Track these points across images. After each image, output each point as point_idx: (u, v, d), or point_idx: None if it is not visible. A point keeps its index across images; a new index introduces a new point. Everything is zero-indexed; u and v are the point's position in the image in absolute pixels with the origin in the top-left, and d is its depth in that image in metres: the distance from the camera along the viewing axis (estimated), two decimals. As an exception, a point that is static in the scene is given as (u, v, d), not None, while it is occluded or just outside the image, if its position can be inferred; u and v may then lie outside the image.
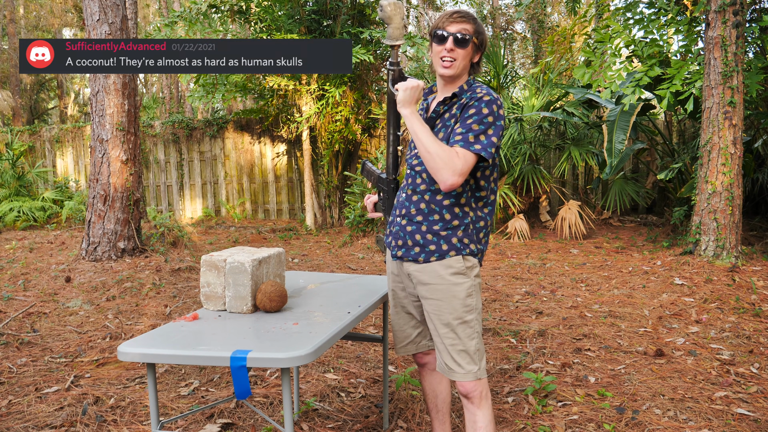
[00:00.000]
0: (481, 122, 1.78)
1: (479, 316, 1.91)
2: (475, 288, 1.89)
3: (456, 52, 1.84)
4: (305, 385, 3.01)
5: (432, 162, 1.74)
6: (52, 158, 11.06)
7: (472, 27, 1.85)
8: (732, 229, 5.16)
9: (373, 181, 2.16)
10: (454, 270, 1.86)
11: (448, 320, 1.87)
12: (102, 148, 5.51)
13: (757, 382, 2.92)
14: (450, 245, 1.88)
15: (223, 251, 2.10)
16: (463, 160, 1.74)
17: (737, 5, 5.07)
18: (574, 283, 5.15)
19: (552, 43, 8.41)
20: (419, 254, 1.90)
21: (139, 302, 4.57)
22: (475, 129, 1.77)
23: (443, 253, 1.88)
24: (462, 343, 1.87)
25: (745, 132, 7.07)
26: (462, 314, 1.86)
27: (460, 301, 1.86)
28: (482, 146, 1.76)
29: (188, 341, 1.68)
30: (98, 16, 5.38)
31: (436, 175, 1.75)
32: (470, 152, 1.75)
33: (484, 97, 1.81)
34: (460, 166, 1.73)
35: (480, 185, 1.90)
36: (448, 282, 1.86)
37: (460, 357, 1.87)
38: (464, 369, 1.87)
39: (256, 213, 10.52)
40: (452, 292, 1.86)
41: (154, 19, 21.12)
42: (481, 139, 1.77)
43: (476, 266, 1.91)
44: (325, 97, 8.34)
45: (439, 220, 1.89)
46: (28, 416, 2.67)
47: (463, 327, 1.86)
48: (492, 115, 1.79)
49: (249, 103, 13.24)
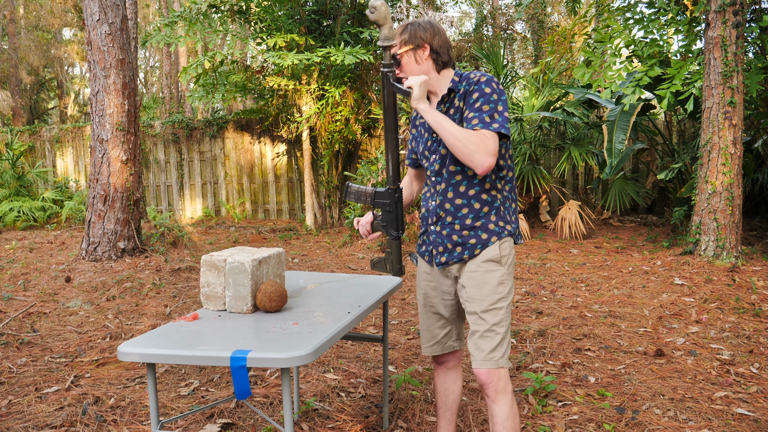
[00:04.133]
0: (489, 101, 1.80)
1: (510, 305, 1.91)
2: (507, 276, 1.89)
3: (401, 72, 1.94)
4: (305, 385, 3.01)
5: (465, 148, 1.75)
6: (52, 158, 11.06)
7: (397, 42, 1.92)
8: (732, 229, 5.16)
9: (367, 199, 2.05)
10: (487, 257, 1.88)
11: (479, 307, 1.87)
12: (102, 148, 5.51)
13: (757, 382, 2.92)
14: (489, 232, 1.89)
15: (223, 251, 2.10)
16: (492, 140, 1.76)
17: (737, 5, 5.07)
18: (574, 283, 5.15)
19: (552, 43, 8.41)
20: (463, 252, 1.92)
21: (139, 302, 4.57)
22: (486, 110, 1.79)
23: (484, 242, 1.89)
24: (489, 328, 1.86)
25: (745, 132, 7.07)
26: (493, 301, 1.86)
27: (492, 288, 1.86)
28: (500, 124, 1.78)
29: (188, 341, 1.68)
30: (98, 16, 5.38)
31: (472, 159, 1.75)
32: (492, 132, 1.77)
33: (481, 79, 1.84)
34: (492, 147, 1.75)
35: (500, 164, 1.91)
36: (482, 269, 1.88)
37: (483, 341, 1.86)
38: (484, 355, 1.85)
39: (256, 213, 10.52)
40: (484, 279, 1.87)
41: (154, 19, 21.12)
42: (495, 117, 1.79)
43: (510, 254, 1.91)
44: (325, 97, 8.33)
45: (469, 212, 1.90)
46: (28, 416, 2.67)
47: (493, 313, 1.86)
48: (495, 93, 1.81)
49: (249, 103, 13.24)
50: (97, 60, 5.44)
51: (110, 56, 5.44)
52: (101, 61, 5.43)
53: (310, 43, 8.22)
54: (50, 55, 18.65)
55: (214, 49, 9.10)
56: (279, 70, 8.01)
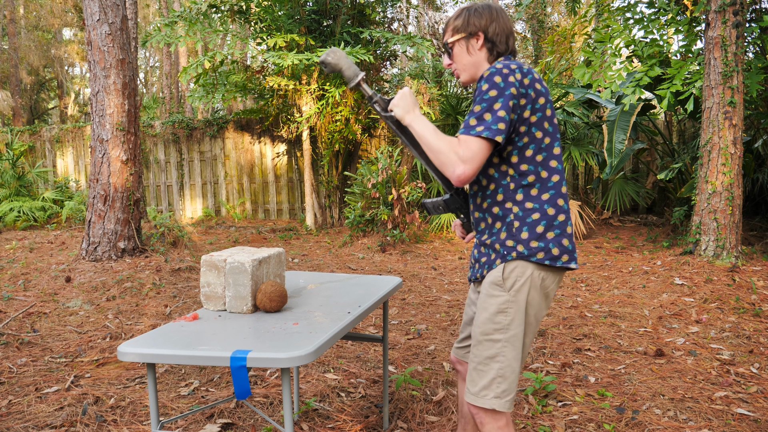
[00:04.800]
0: (483, 101, 1.58)
1: (517, 340, 1.64)
2: (511, 305, 1.64)
3: (452, 63, 1.80)
4: (305, 385, 3.01)
5: (437, 159, 1.57)
6: (52, 158, 11.06)
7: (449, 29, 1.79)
8: (732, 229, 5.16)
9: (445, 208, 1.96)
10: (490, 279, 1.68)
11: (475, 332, 1.69)
12: (102, 148, 5.51)
13: (757, 382, 2.92)
14: (495, 252, 1.69)
15: (223, 251, 2.10)
16: (464, 146, 1.54)
17: (737, 5, 5.07)
18: (574, 283, 5.15)
19: (552, 43, 8.41)
20: (478, 270, 1.79)
21: (139, 302, 4.57)
22: (476, 111, 1.57)
23: (490, 263, 1.71)
24: (480, 360, 1.65)
25: (745, 132, 7.07)
26: (488, 330, 1.65)
27: (489, 316, 1.65)
28: (485, 126, 1.54)
29: (188, 341, 1.68)
30: (98, 16, 5.38)
31: (444, 170, 1.56)
32: (471, 136, 1.54)
33: (485, 74, 1.61)
34: (462, 153, 1.53)
35: (522, 170, 1.65)
36: (485, 293, 1.69)
37: (475, 373, 1.66)
38: (473, 389, 1.65)
39: (256, 213, 10.52)
40: (484, 304, 1.68)
41: (154, 19, 21.12)
42: (485, 118, 1.55)
43: (519, 279, 1.64)
44: (325, 97, 8.33)
45: (485, 227, 1.75)
46: (28, 416, 2.67)
47: (488, 345, 1.64)
48: (494, 89, 1.57)
49: (249, 103, 13.25)
50: (97, 60, 5.45)
51: (110, 56, 5.44)
52: (101, 61, 5.43)
53: (310, 43, 8.22)
54: (50, 55, 18.66)
55: (214, 49, 9.11)
56: (279, 70, 8.01)
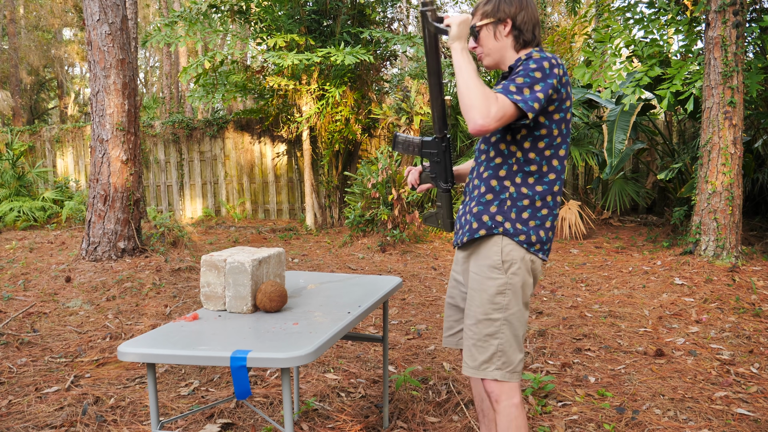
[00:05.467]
0: (527, 76, 1.60)
1: (514, 318, 1.74)
2: (509, 286, 1.72)
3: (477, 47, 1.79)
4: (305, 385, 3.01)
5: (467, 99, 1.56)
6: (52, 158, 11.07)
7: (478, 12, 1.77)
8: (732, 229, 5.16)
9: (414, 149, 1.93)
10: (490, 263, 1.73)
11: (474, 312, 1.75)
12: (102, 148, 5.51)
13: (757, 382, 2.92)
14: (480, 223, 1.74)
15: (223, 251, 2.10)
16: (499, 105, 1.56)
17: (737, 5, 5.07)
18: (574, 283, 5.15)
19: (552, 43, 8.41)
20: (461, 237, 1.81)
21: (139, 302, 4.57)
22: (519, 82, 1.60)
23: (472, 231, 1.75)
24: (479, 338, 1.74)
25: (745, 132, 7.07)
26: (487, 310, 1.73)
27: (488, 297, 1.72)
28: (523, 98, 1.58)
29: (188, 341, 1.68)
30: (98, 16, 5.38)
31: (468, 113, 1.56)
32: (509, 100, 1.57)
33: (534, 56, 1.66)
34: (494, 111, 1.55)
35: (529, 158, 1.72)
36: (482, 275, 1.74)
37: (474, 349, 1.74)
38: (473, 362, 1.74)
39: (256, 213, 10.52)
40: (483, 286, 1.74)
41: (154, 19, 21.12)
42: (524, 92, 1.58)
43: (516, 263, 1.72)
44: (325, 97, 8.33)
45: (477, 194, 1.78)
46: (28, 416, 2.67)
47: (487, 323, 1.73)
48: (540, 71, 1.61)
49: (249, 103, 13.25)
50: (97, 60, 5.45)
51: (110, 56, 5.44)
52: (101, 61, 5.43)
53: (310, 43, 8.22)
54: (50, 55, 18.66)
55: (214, 49, 9.10)
56: (279, 70, 8.01)
